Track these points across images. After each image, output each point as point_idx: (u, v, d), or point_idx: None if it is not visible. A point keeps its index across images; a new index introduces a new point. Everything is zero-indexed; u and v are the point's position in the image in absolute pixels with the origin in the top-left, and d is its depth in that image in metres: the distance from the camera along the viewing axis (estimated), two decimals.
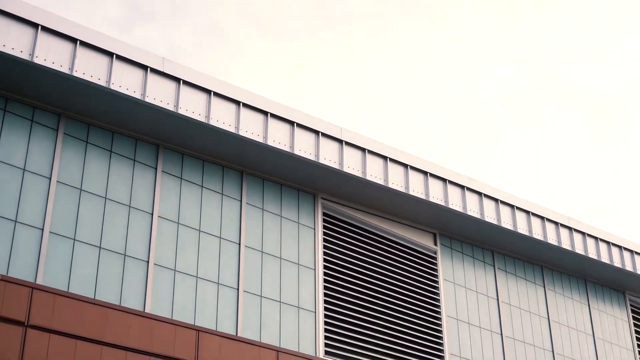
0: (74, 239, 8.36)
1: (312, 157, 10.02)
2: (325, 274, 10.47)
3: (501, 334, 12.31)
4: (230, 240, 9.59)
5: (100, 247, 8.50)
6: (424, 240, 11.86)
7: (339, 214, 10.97)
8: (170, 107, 8.88)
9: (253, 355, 8.96)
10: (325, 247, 10.62)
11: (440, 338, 11.43)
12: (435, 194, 11.34)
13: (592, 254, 13.40)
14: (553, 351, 13.03)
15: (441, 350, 11.36)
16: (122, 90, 8.55)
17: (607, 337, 14.14)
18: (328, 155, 10.21)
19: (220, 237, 9.52)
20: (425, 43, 34.15)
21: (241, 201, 9.89)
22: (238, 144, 9.55)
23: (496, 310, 12.43)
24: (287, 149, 9.78)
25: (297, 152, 9.87)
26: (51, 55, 8.17)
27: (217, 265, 9.35)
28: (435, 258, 11.91)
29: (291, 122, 9.94)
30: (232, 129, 9.31)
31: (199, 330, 8.64)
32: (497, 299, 12.53)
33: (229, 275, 9.42)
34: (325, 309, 10.26)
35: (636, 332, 14.85)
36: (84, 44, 8.44)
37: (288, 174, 10.28)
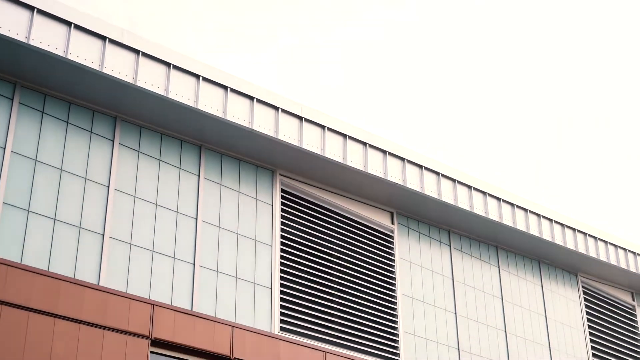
0: (28, 210, 8.26)
1: (271, 134, 9.99)
2: (282, 250, 10.48)
3: (455, 313, 12.44)
4: (187, 215, 9.54)
5: (54, 219, 8.40)
6: (381, 219, 11.91)
7: (297, 190, 10.97)
8: (129, 80, 8.78)
9: (208, 330, 8.95)
10: (282, 223, 10.62)
11: (395, 316, 11.52)
12: (394, 173, 11.38)
13: (546, 236, 13.58)
14: (506, 330, 13.20)
15: (395, 328, 11.45)
16: (80, 60, 8.43)
17: (558, 317, 14.36)
18: (287, 132, 10.19)
19: (177, 212, 9.47)
20: (392, 22, 34.15)
21: (199, 176, 9.84)
22: (197, 118, 9.49)
23: (451, 289, 12.55)
24: (246, 124, 9.74)
25: (256, 128, 9.83)
26: (7, 23, 8.02)
27: (174, 240, 9.31)
28: (391, 237, 11.98)
29: (251, 98, 9.89)
30: (191, 103, 9.24)
31: (153, 304, 8.61)
32: (452, 279, 12.65)
33: (185, 249, 9.39)
34: (282, 285, 10.28)
35: (587, 313, 15.10)
36: (42, 13, 8.30)
37: (247, 149, 10.25)
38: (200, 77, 9.43)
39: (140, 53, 8.95)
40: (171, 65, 9.18)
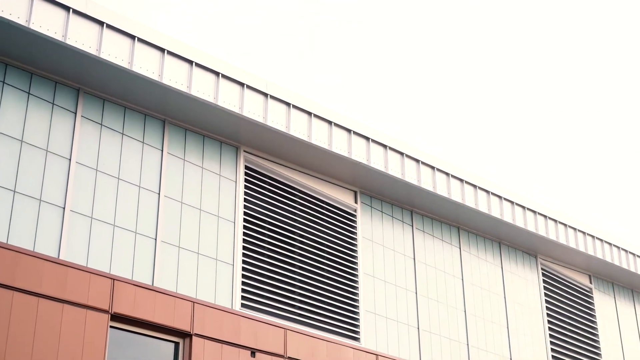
0: None
1: (236, 110, 9.93)
2: (244, 227, 10.45)
3: (416, 293, 12.52)
4: (149, 190, 9.47)
5: (14, 191, 8.29)
6: (344, 198, 11.93)
7: (261, 167, 10.94)
8: (92, 51, 8.66)
9: (168, 305, 8.92)
10: (246, 200, 10.59)
11: (356, 294, 11.57)
12: (358, 153, 11.39)
13: (507, 218, 13.70)
14: (465, 310, 13.33)
15: (356, 307, 11.51)
16: (43, 30, 8.29)
17: (517, 298, 14.53)
18: (252, 109, 10.14)
19: (139, 186, 9.39)
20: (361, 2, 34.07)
21: (162, 150, 9.76)
22: (161, 92, 9.40)
23: (412, 269, 12.63)
24: (211, 99, 9.67)
25: (221, 103, 9.77)
26: None
27: (135, 214, 9.24)
28: (354, 216, 12.01)
29: (216, 73, 9.82)
30: (155, 77, 9.15)
31: (113, 278, 8.56)
32: (414, 258, 12.72)
33: (147, 224, 9.32)
34: (244, 262, 10.27)
35: (545, 294, 15.29)
36: None
37: (211, 125, 10.18)
38: (165, 51, 9.33)
39: (104, 25, 8.83)
40: (136, 38, 9.07)
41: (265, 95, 10.35)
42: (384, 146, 11.82)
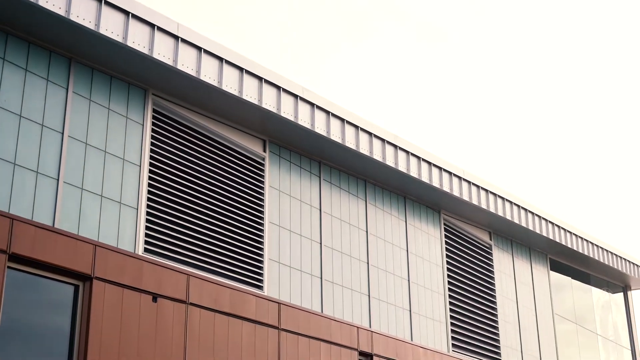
0: None
1: (145, 51, 9.73)
2: (150, 171, 10.31)
3: (320, 243, 12.63)
4: (53, 129, 9.22)
5: None
6: (253, 146, 11.88)
7: (169, 112, 10.77)
8: None
9: (69, 247, 8.76)
10: (152, 144, 10.44)
11: (261, 243, 11.60)
12: (268, 101, 11.34)
13: (413, 173, 13.90)
14: (368, 262, 13.53)
15: (261, 255, 11.54)
16: None
17: (419, 252, 14.82)
18: (162, 51, 9.95)
19: (42, 125, 9.13)
20: None
21: (68, 89, 9.50)
22: (68, 29, 9.11)
23: (318, 219, 12.72)
24: (120, 39, 9.44)
25: (130, 44, 9.54)
26: None
27: (38, 154, 8.99)
28: (262, 164, 11.98)
29: (126, 12, 9.57)
30: (62, 12, 8.86)
31: (12, 218, 8.34)
32: (320, 209, 12.81)
33: (49, 164, 9.09)
34: (148, 206, 10.15)
35: (447, 249, 15.65)
36: None
37: (119, 66, 9.95)
38: None
39: None
40: None
41: (176, 38, 10.16)
42: (295, 96, 11.79)
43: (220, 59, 10.71)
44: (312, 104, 12.06)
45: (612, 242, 27.73)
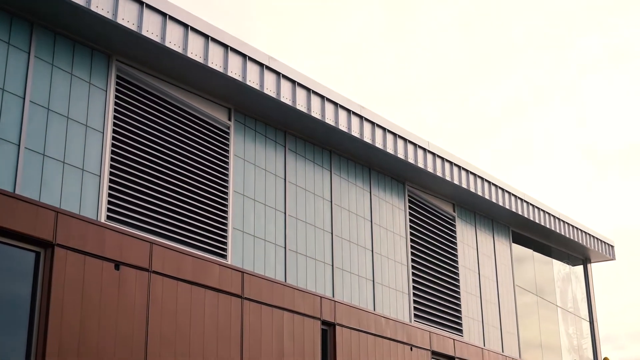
0: None
1: (109, 16, 9.59)
2: (114, 138, 10.20)
3: (285, 213, 12.62)
4: (14, 94, 9.07)
5: None
6: (218, 114, 11.80)
7: (134, 78, 10.65)
8: None
9: (30, 214, 8.66)
10: (116, 110, 10.32)
11: (225, 212, 11.56)
12: (234, 69, 11.25)
13: (378, 144, 13.91)
14: (332, 232, 13.55)
15: (225, 224, 11.51)
16: None
17: (383, 223, 14.88)
18: (127, 16, 9.81)
19: (3, 89, 8.98)
20: None
21: (29, 54, 9.34)
22: None
23: (282, 189, 12.70)
24: (82, 3, 9.28)
25: (93, 8, 9.39)
26: None
27: None
28: (227, 133, 11.92)
29: None
30: None
31: None
32: (285, 179, 12.79)
33: (10, 130, 8.95)
34: (111, 173, 10.05)
35: (410, 221, 15.72)
36: None
37: (82, 31, 9.80)
38: None
39: None
40: None
41: (141, 3, 10.02)
42: (261, 65, 11.71)
43: (185, 25, 10.60)
44: (278, 73, 11.99)
45: (573, 216, 28.09)
